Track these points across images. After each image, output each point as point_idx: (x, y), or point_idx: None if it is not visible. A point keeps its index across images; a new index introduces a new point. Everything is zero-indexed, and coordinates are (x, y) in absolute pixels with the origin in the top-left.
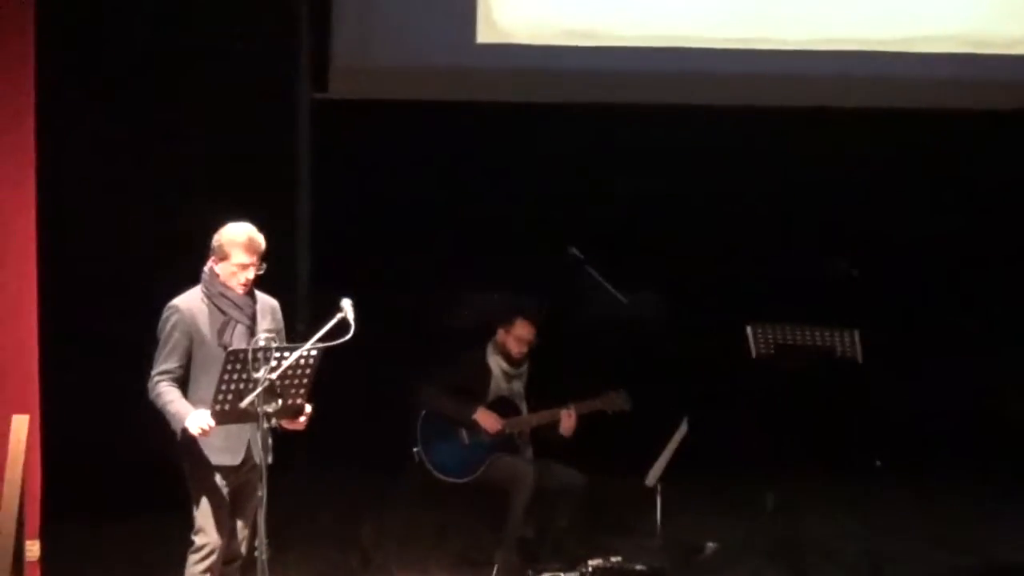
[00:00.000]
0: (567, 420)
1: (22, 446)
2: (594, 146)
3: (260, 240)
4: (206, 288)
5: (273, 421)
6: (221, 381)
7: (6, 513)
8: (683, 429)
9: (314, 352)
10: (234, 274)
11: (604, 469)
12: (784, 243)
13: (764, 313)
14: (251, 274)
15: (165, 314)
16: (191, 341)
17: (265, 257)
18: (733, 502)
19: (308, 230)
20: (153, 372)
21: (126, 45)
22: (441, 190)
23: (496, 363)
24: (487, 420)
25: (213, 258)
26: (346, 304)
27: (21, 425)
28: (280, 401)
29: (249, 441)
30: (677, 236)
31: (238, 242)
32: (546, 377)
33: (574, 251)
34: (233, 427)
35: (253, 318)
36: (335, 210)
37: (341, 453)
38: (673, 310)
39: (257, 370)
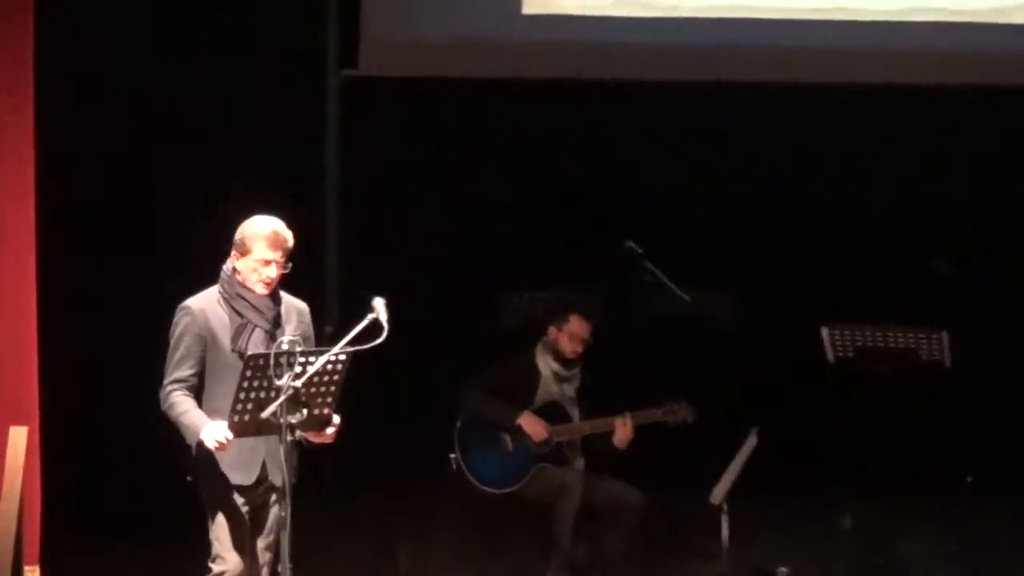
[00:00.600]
0: (622, 430)
1: (21, 460)
2: (652, 128)
3: (287, 235)
4: (223, 288)
5: (298, 434)
6: (240, 389)
7: (3, 533)
8: (752, 441)
9: (343, 357)
10: (255, 271)
11: (664, 486)
12: (867, 237)
13: (842, 313)
14: (273, 272)
15: (176, 316)
16: (204, 346)
17: (291, 256)
18: (807, 522)
19: (337, 222)
20: (165, 381)
21: (139, 20)
22: (484, 177)
23: (546, 364)
24: (533, 426)
25: (234, 254)
26: (378, 303)
27: (20, 437)
28: (305, 411)
29: (265, 459)
30: (746, 228)
31: (261, 235)
32: (600, 382)
33: (631, 245)
34: (247, 442)
35: (275, 322)
36: (366, 200)
37: (373, 467)
38: (741, 310)
39: (280, 377)
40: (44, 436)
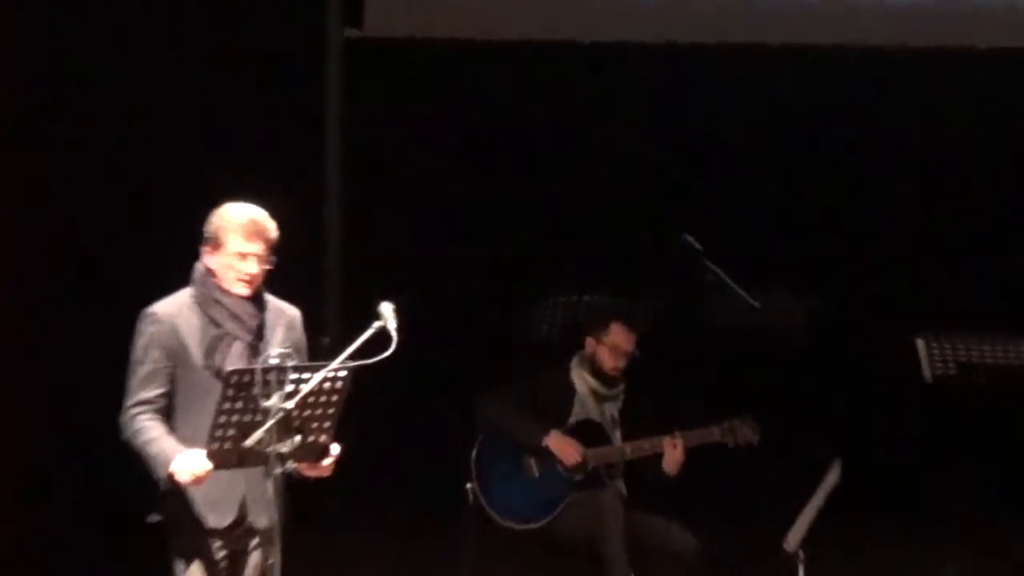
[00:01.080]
0: (672, 453)
1: None
2: (706, 98)
3: (267, 224)
4: (196, 291)
5: (289, 465)
6: (219, 412)
7: None
8: (834, 475)
9: (343, 373)
10: (231, 267)
11: (726, 527)
12: (971, 235)
13: (941, 323)
14: (253, 267)
15: (139, 325)
16: (174, 361)
17: (276, 249)
18: (900, 572)
19: (337, 211)
20: (126, 403)
21: None
22: (510, 158)
23: (583, 380)
24: (563, 447)
25: (205, 249)
26: (386, 309)
27: None
28: (299, 438)
29: (245, 497)
30: (825, 222)
31: (235, 224)
32: (648, 403)
33: (688, 240)
34: (222, 476)
35: (258, 332)
36: (372, 185)
37: (378, 504)
38: (819, 318)
39: (268, 397)
40: None
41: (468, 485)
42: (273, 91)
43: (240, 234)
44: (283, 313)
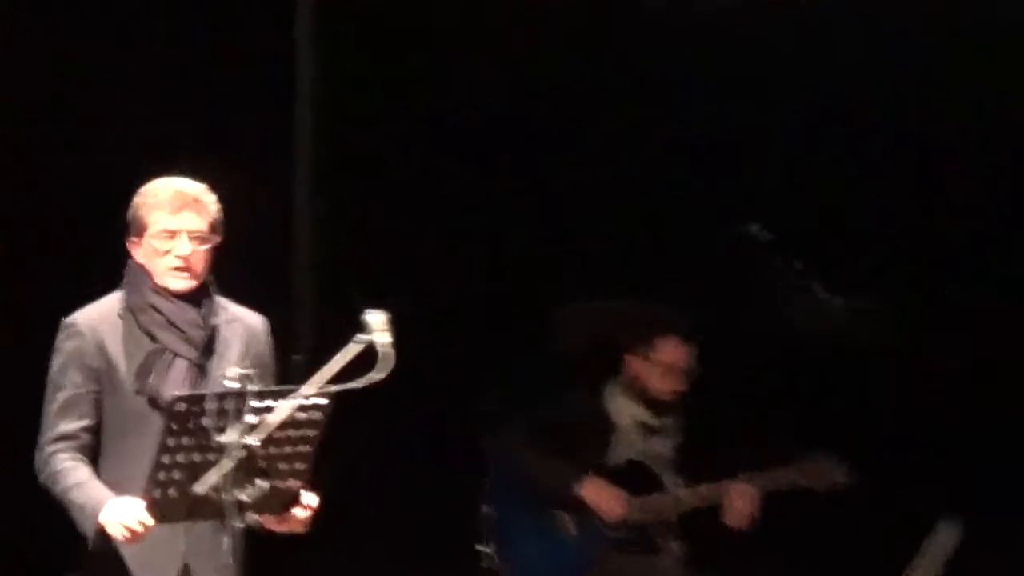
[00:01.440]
0: (739, 502)
1: None
2: (773, 65)
3: (200, 194)
4: (126, 295)
5: (251, 518)
6: (162, 449)
7: None
8: (951, 534)
9: (321, 401)
10: (158, 253)
11: None
12: None
13: None
14: (185, 247)
15: (57, 339)
16: (99, 385)
17: (216, 226)
18: None
19: (309, 197)
20: (43, 439)
21: None
22: (520, 132)
23: (625, 410)
24: (602, 498)
25: (131, 241)
26: (375, 320)
27: None
28: (264, 484)
29: (186, 557)
30: (929, 212)
31: (158, 197)
32: (705, 432)
33: (757, 230)
34: (161, 531)
35: (206, 347)
36: (352, 166)
37: (365, 568)
38: (922, 328)
39: (223, 431)
40: None
41: (480, 548)
42: (226, 65)
43: (165, 209)
44: (241, 322)
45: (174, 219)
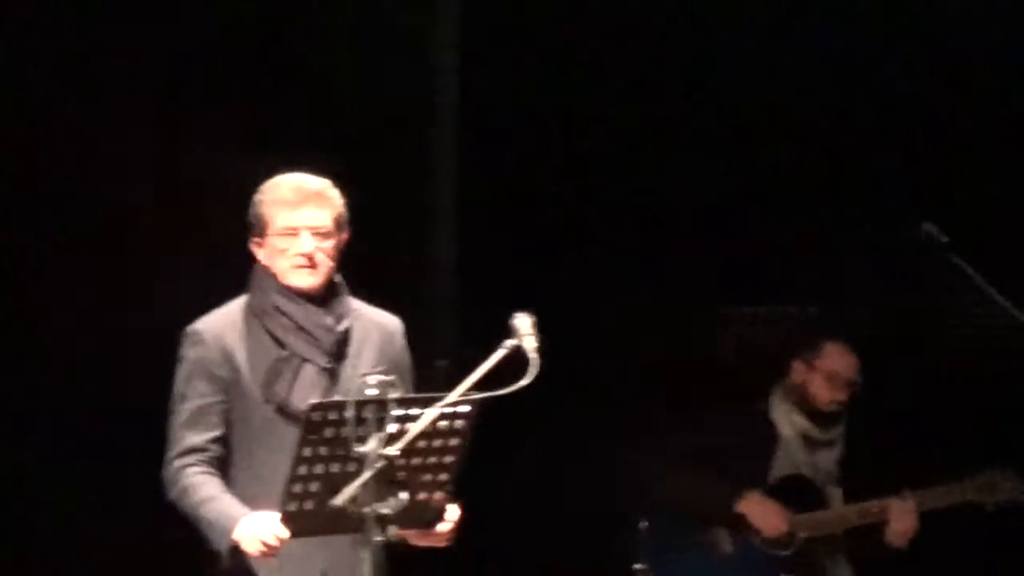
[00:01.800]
0: (901, 519)
1: None
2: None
3: (323, 187)
4: (252, 299)
5: (391, 532)
6: (298, 461)
7: None
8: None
9: (465, 408)
10: (282, 252)
11: None
12: None
13: None
14: (307, 244)
15: (181, 348)
16: (226, 395)
17: (342, 221)
18: None
19: (453, 187)
20: (170, 453)
21: None
22: (681, 114)
23: (789, 420)
24: (763, 514)
25: (254, 242)
26: (522, 323)
27: None
28: (404, 496)
29: (326, 572)
30: None
31: (278, 194)
32: (866, 443)
33: (931, 230)
34: (295, 546)
35: (337, 351)
36: (493, 163)
37: None
38: None
39: (363, 441)
40: None
41: (635, 568)
42: (376, 57)
43: (285, 205)
44: (375, 325)
45: (295, 215)
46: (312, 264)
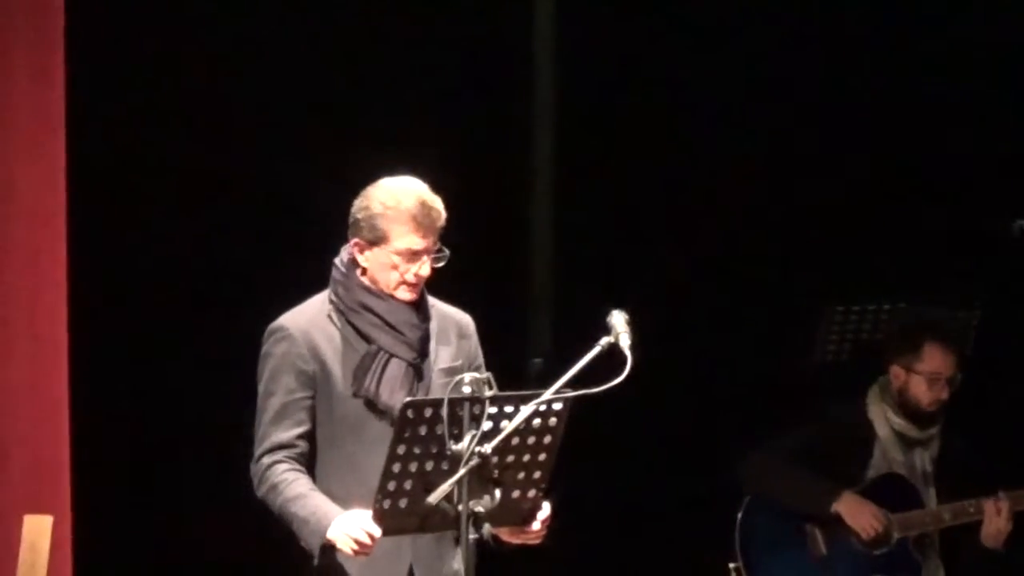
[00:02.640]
0: (995, 519)
1: (43, 556)
2: None
3: (439, 208)
4: (338, 295)
5: (485, 530)
6: (392, 458)
7: None
8: None
9: (558, 406)
10: (395, 269)
11: None
12: None
13: None
14: (426, 269)
15: (266, 345)
16: (313, 390)
17: (443, 235)
18: None
19: (550, 181)
20: (257, 449)
21: None
22: (769, 102)
23: (886, 420)
24: (857, 514)
25: (355, 242)
26: (618, 321)
27: (40, 528)
28: (498, 494)
29: (414, 568)
30: None
31: (403, 210)
32: (966, 443)
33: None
34: (388, 544)
35: (422, 346)
36: (589, 163)
37: None
38: None
39: (458, 438)
40: (76, 528)
41: (731, 566)
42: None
43: (410, 226)
44: (452, 322)
45: (418, 238)
46: (419, 287)
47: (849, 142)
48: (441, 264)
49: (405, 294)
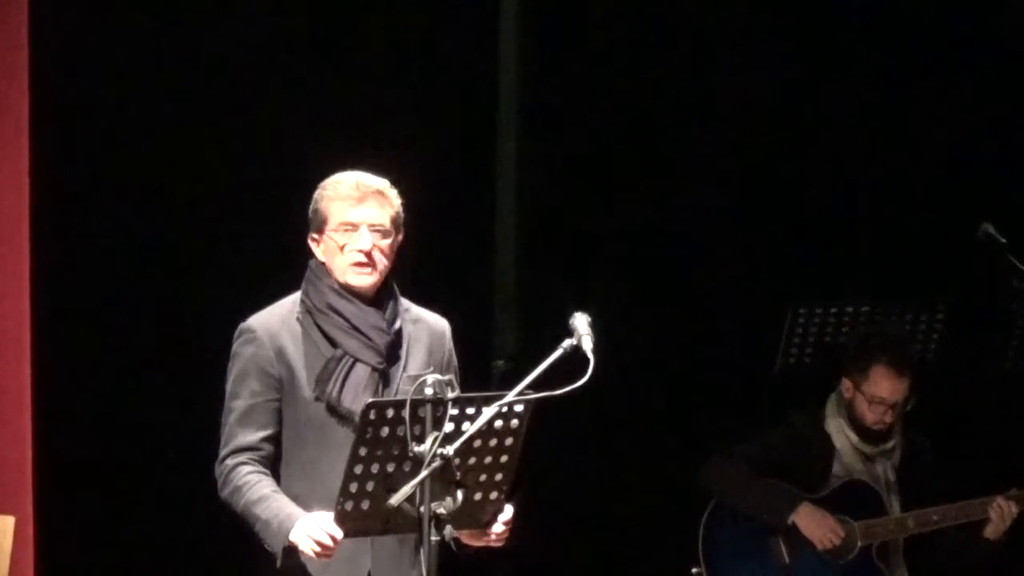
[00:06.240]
0: (1000, 518)
1: (4, 558)
2: None
3: (383, 186)
4: (308, 296)
5: (446, 532)
6: (354, 460)
7: None
8: None
9: (520, 408)
10: (339, 248)
11: None
12: None
13: None
14: (365, 242)
15: (235, 345)
16: (279, 393)
17: (399, 221)
18: None
19: (514, 179)
20: (222, 451)
21: None
22: (748, 94)
23: (842, 433)
24: (815, 526)
25: (312, 238)
26: (580, 323)
27: (2, 529)
28: (460, 496)
29: (371, 573)
30: None
31: (338, 189)
32: (932, 450)
33: (989, 231)
34: (349, 546)
35: (390, 352)
36: (554, 162)
37: None
38: None
39: (420, 440)
40: (39, 528)
41: (694, 572)
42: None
43: (344, 201)
44: (426, 326)
45: (355, 211)
46: (370, 263)
47: (815, 145)
48: (387, 242)
49: (357, 278)
